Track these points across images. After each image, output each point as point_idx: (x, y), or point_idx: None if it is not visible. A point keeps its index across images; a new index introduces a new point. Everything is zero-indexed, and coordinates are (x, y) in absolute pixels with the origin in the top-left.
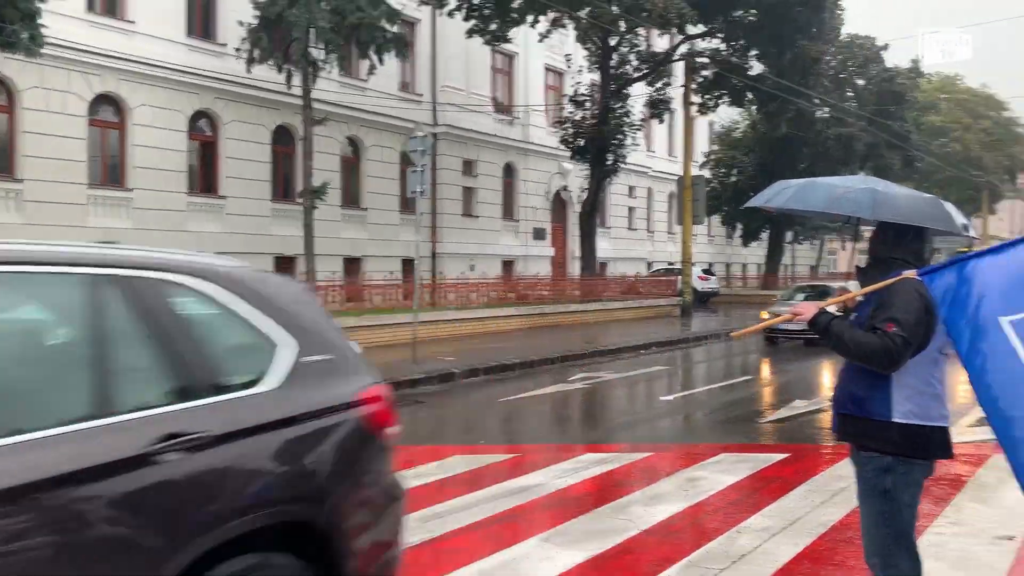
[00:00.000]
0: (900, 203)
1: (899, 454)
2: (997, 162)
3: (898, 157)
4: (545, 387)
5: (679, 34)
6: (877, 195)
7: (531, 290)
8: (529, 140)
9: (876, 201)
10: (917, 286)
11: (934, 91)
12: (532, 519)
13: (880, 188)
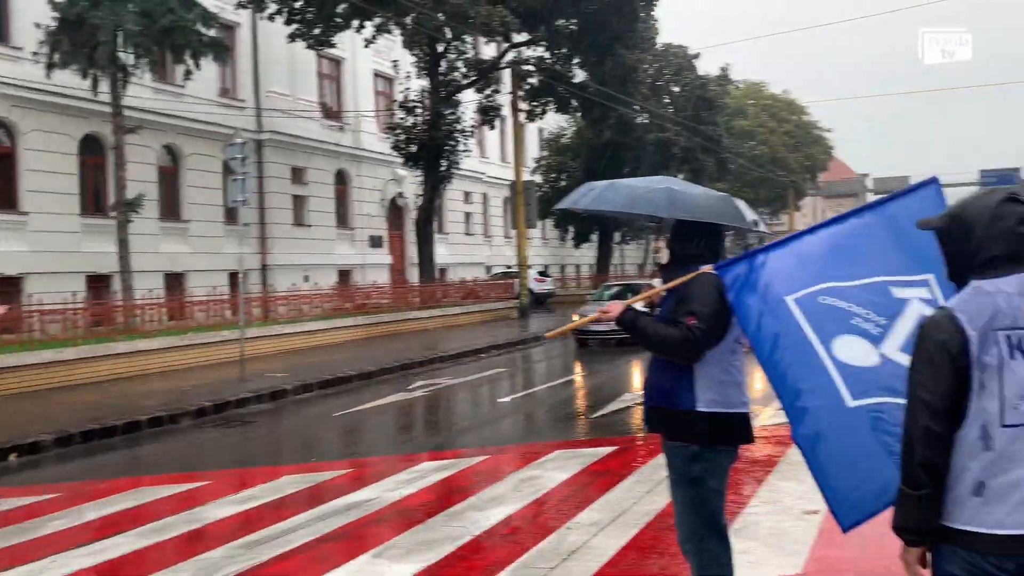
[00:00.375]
0: (695, 202)
1: (705, 442)
2: (799, 162)
3: (712, 160)
4: (383, 397)
5: (504, 42)
6: (673, 194)
7: (368, 299)
8: (361, 146)
9: (672, 200)
10: (714, 280)
11: (742, 97)
12: (364, 535)
13: (676, 188)
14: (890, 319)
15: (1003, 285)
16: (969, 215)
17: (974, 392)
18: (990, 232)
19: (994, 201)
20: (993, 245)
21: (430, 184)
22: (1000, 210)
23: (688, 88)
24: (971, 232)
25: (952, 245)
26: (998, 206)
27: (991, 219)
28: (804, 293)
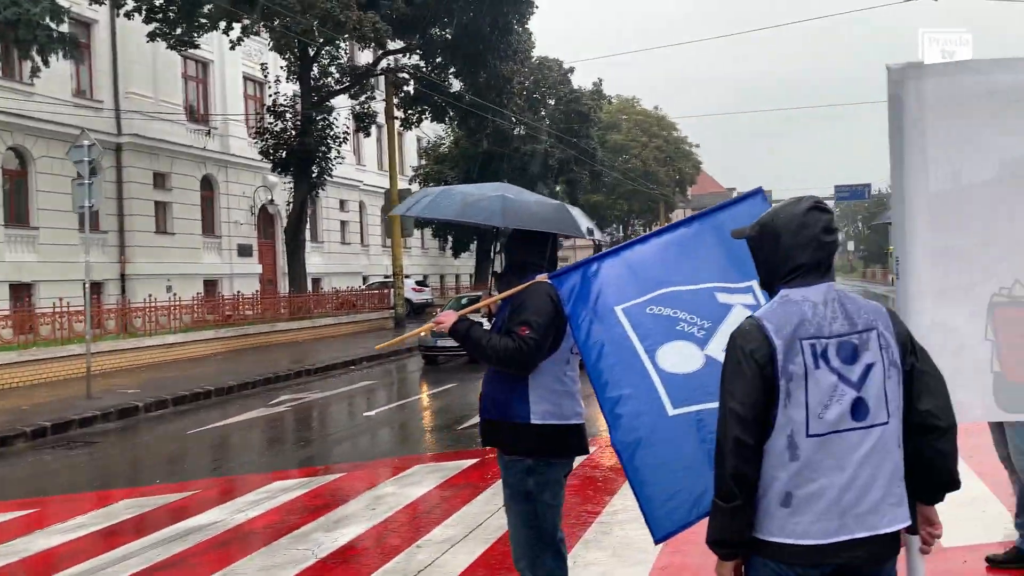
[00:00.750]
0: (528, 210)
1: (538, 455)
2: (670, 176)
3: (586, 172)
4: (243, 413)
5: (379, 49)
6: (507, 203)
7: (234, 310)
8: (229, 151)
9: (506, 208)
10: (548, 289)
11: (616, 112)
12: (202, 562)
13: (511, 195)
14: (715, 323)
15: (809, 294)
16: (777, 224)
17: (781, 402)
18: (797, 240)
19: (801, 210)
20: (799, 254)
21: (300, 191)
22: (806, 219)
23: (563, 101)
24: (779, 240)
25: (762, 253)
26: (804, 215)
27: (798, 227)
28: (633, 304)
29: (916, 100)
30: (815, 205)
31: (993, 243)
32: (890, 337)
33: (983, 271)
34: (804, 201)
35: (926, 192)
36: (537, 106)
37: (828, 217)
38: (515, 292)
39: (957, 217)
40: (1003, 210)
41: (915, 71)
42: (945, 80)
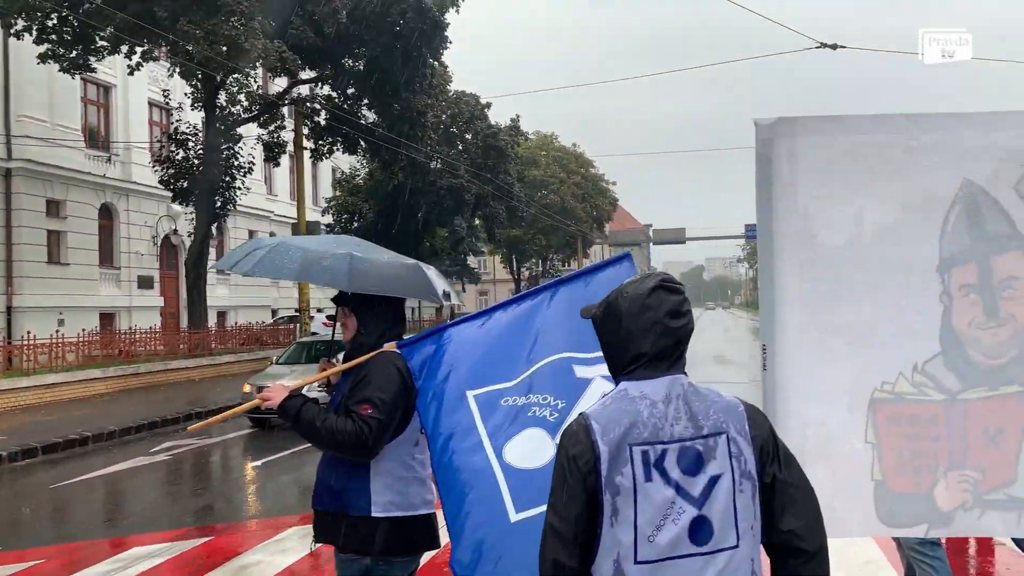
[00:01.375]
0: (379, 271)
1: (379, 553)
2: (587, 212)
3: (503, 207)
4: (118, 463)
5: (288, 78)
6: (355, 262)
7: (132, 346)
8: (131, 179)
9: (353, 270)
10: (395, 360)
11: (535, 148)
12: None
13: (359, 253)
14: (570, 402)
15: (649, 389)
16: (620, 304)
17: (606, 519)
18: (638, 325)
19: (645, 289)
20: (641, 340)
21: (202, 221)
22: (650, 300)
23: (480, 136)
24: (620, 324)
25: (604, 337)
26: (648, 295)
27: (640, 310)
28: (486, 391)
29: (788, 161)
30: (661, 283)
31: (875, 328)
32: (743, 443)
33: (863, 361)
34: (650, 279)
35: (798, 267)
36: (454, 140)
37: (676, 299)
38: (358, 363)
39: (834, 297)
40: (888, 288)
41: (787, 128)
42: (821, 139)
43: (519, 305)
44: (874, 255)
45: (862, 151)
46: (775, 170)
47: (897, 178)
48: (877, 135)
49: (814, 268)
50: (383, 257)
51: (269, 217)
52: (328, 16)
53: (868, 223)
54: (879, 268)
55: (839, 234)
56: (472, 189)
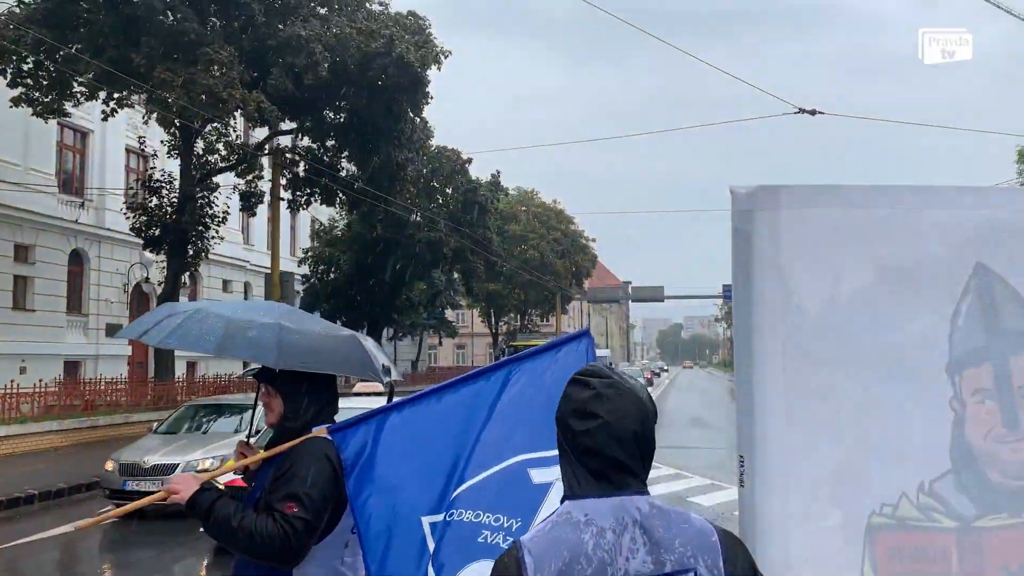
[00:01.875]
0: (310, 345)
1: None
2: (567, 268)
3: (482, 261)
4: (63, 525)
5: (266, 128)
6: (284, 334)
7: (90, 397)
8: (104, 225)
9: (282, 343)
10: (326, 448)
11: (516, 203)
12: None
13: (289, 324)
14: (525, 518)
15: (594, 511)
16: (561, 403)
17: None
18: (569, 429)
19: (571, 382)
20: (580, 452)
21: (172, 270)
22: (562, 399)
23: (460, 191)
24: (564, 427)
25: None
26: (565, 391)
27: (572, 412)
28: (437, 518)
29: (770, 238)
30: (578, 375)
31: (873, 438)
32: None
33: (858, 478)
34: (584, 369)
35: (782, 364)
36: (434, 194)
37: (583, 395)
38: (282, 451)
39: (824, 400)
40: (889, 392)
41: (769, 199)
42: (810, 212)
43: (469, 387)
44: (872, 351)
45: (858, 228)
46: (755, 249)
47: (899, 261)
48: (876, 209)
49: (801, 366)
50: (316, 328)
51: (245, 267)
52: (308, 67)
53: (865, 313)
54: (878, 367)
55: (831, 327)
56: (451, 243)
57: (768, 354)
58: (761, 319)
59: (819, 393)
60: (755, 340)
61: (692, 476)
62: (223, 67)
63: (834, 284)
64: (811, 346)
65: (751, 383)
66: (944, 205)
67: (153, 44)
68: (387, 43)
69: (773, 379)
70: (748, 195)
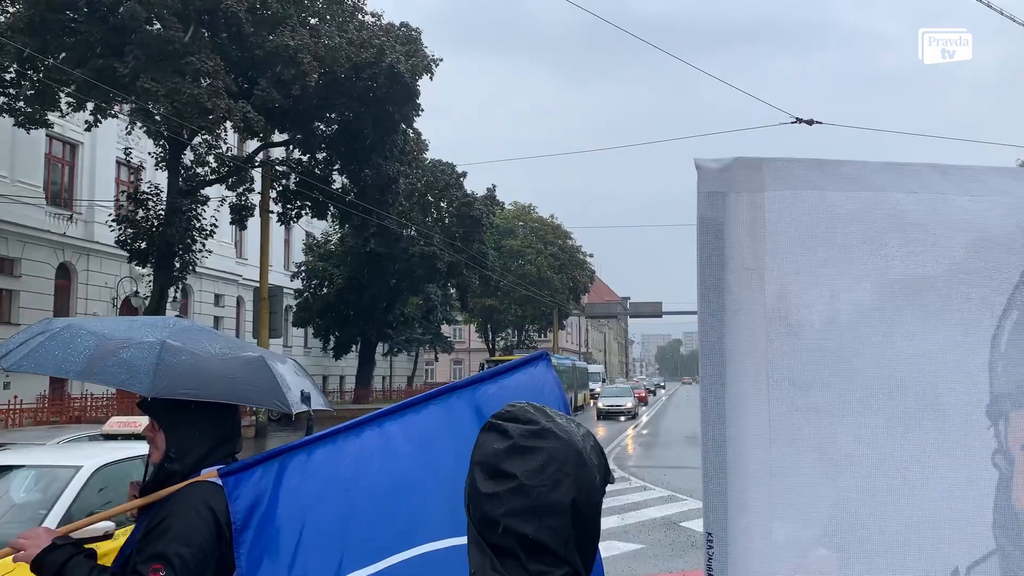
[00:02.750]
0: (199, 367)
1: None
2: (564, 283)
3: (476, 276)
4: None
5: (253, 139)
6: (166, 354)
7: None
8: (93, 238)
9: (162, 365)
10: (210, 496)
11: (513, 218)
12: None
13: (176, 343)
14: None
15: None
16: (473, 453)
17: None
18: (480, 491)
19: (485, 426)
20: (482, 524)
21: (159, 284)
22: (479, 445)
23: (455, 205)
24: (469, 488)
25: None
26: (482, 433)
27: (479, 467)
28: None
29: (750, 230)
30: (496, 417)
31: (890, 511)
32: None
33: (873, 566)
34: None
35: (767, 409)
36: (428, 208)
37: (499, 446)
38: (157, 499)
39: (821, 453)
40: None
41: (748, 176)
42: (804, 195)
43: (397, 421)
44: (884, 387)
45: (867, 217)
46: (729, 243)
47: (920, 263)
48: (892, 192)
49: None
50: (211, 347)
51: (237, 281)
52: (296, 78)
53: (875, 336)
54: (894, 409)
55: (829, 355)
56: (446, 257)
57: (745, 395)
58: (735, 344)
59: (813, 441)
60: (728, 374)
61: (686, 499)
62: (209, 77)
63: (834, 296)
64: (805, 378)
65: (723, 436)
66: (983, 191)
67: (137, 54)
68: (377, 53)
69: (753, 430)
70: (720, 172)
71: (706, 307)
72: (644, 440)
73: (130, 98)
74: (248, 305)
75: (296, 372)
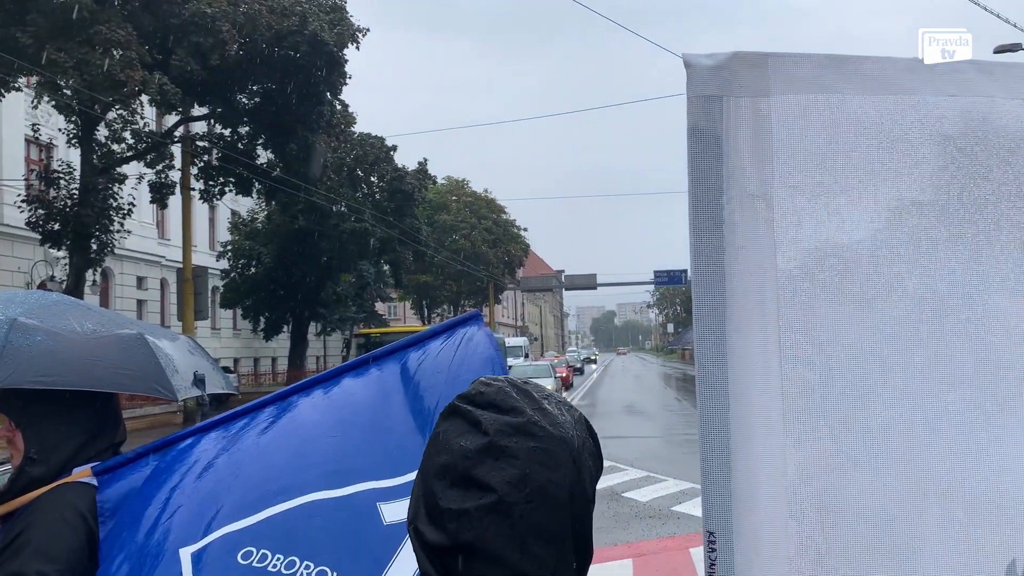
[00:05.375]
0: (55, 351)
1: None
2: (499, 258)
3: (410, 251)
4: None
5: (171, 113)
6: (14, 335)
7: None
8: (2, 221)
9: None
10: (80, 499)
11: (446, 192)
12: None
13: (31, 320)
14: (369, 573)
15: None
16: (428, 448)
17: None
18: (440, 507)
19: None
20: (435, 552)
21: (75, 267)
22: (438, 438)
23: (386, 179)
24: (427, 497)
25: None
26: (443, 420)
27: (440, 472)
28: (216, 537)
29: (752, 144)
30: (462, 400)
31: (928, 494)
32: None
33: (935, 548)
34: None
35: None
36: (358, 182)
37: (471, 443)
38: (15, 508)
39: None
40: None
41: (753, 76)
42: (819, 100)
43: (311, 395)
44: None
45: (896, 126)
46: (728, 162)
47: (963, 184)
48: (925, 95)
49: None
50: (77, 325)
51: (160, 263)
52: (215, 47)
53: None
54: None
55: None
56: (377, 233)
57: (752, 360)
58: (739, 294)
59: (840, 420)
60: (730, 332)
61: (627, 468)
62: (121, 48)
63: (859, 228)
64: (826, 336)
65: (725, 413)
66: None
67: (41, 22)
68: (300, 21)
69: (762, 406)
70: (715, 70)
71: (701, 245)
72: (583, 411)
73: (35, 70)
74: (173, 287)
75: (190, 351)
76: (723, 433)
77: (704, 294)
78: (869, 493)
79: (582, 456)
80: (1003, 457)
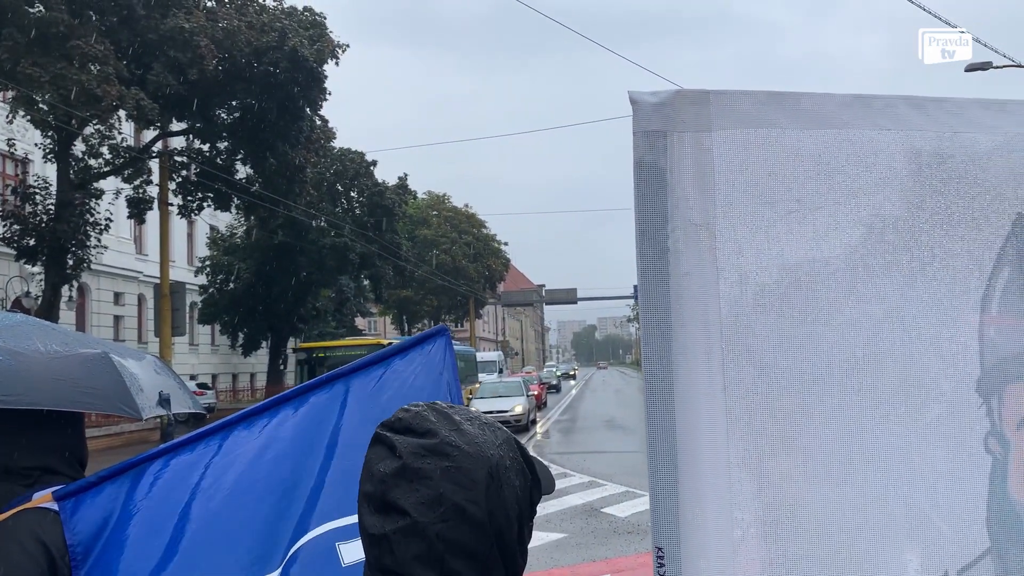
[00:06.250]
0: (17, 370)
1: None
2: (479, 272)
3: (390, 266)
4: None
5: (149, 128)
6: None
7: None
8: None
9: None
10: (40, 527)
11: (427, 207)
12: None
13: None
14: None
15: None
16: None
17: None
18: (367, 531)
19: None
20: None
21: (50, 283)
22: (366, 465)
23: (366, 194)
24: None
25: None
26: (370, 449)
27: (364, 497)
28: None
29: (695, 178)
30: (383, 427)
31: (865, 509)
32: None
33: (846, 570)
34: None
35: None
36: (338, 197)
37: (385, 468)
38: None
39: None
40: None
41: (695, 112)
42: (760, 135)
43: (274, 417)
44: (858, 361)
45: (832, 159)
46: (672, 194)
47: (896, 213)
48: (860, 130)
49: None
50: (41, 345)
51: (138, 278)
52: (193, 62)
53: (846, 298)
54: (870, 389)
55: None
56: (357, 248)
57: (697, 377)
58: (684, 316)
59: (781, 438)
60: (676, 352)
61: (606, 483)
62: (98, 63)
63: (797, 254)
64: (767, 354)
65: (671, 429)
66: (966, 126)
67: (17, 36)
68: (279, 37)
69: (707, 422)
70: (658, 107)
71: (647, 272)
72: (563, 426)
73: (11, 84)
74: (150, 303)
75: (156, 371)
76: (670, 451)
77: (651, 319)
78: (809, 508)
79: (505, 474)
80: (935, 474)
